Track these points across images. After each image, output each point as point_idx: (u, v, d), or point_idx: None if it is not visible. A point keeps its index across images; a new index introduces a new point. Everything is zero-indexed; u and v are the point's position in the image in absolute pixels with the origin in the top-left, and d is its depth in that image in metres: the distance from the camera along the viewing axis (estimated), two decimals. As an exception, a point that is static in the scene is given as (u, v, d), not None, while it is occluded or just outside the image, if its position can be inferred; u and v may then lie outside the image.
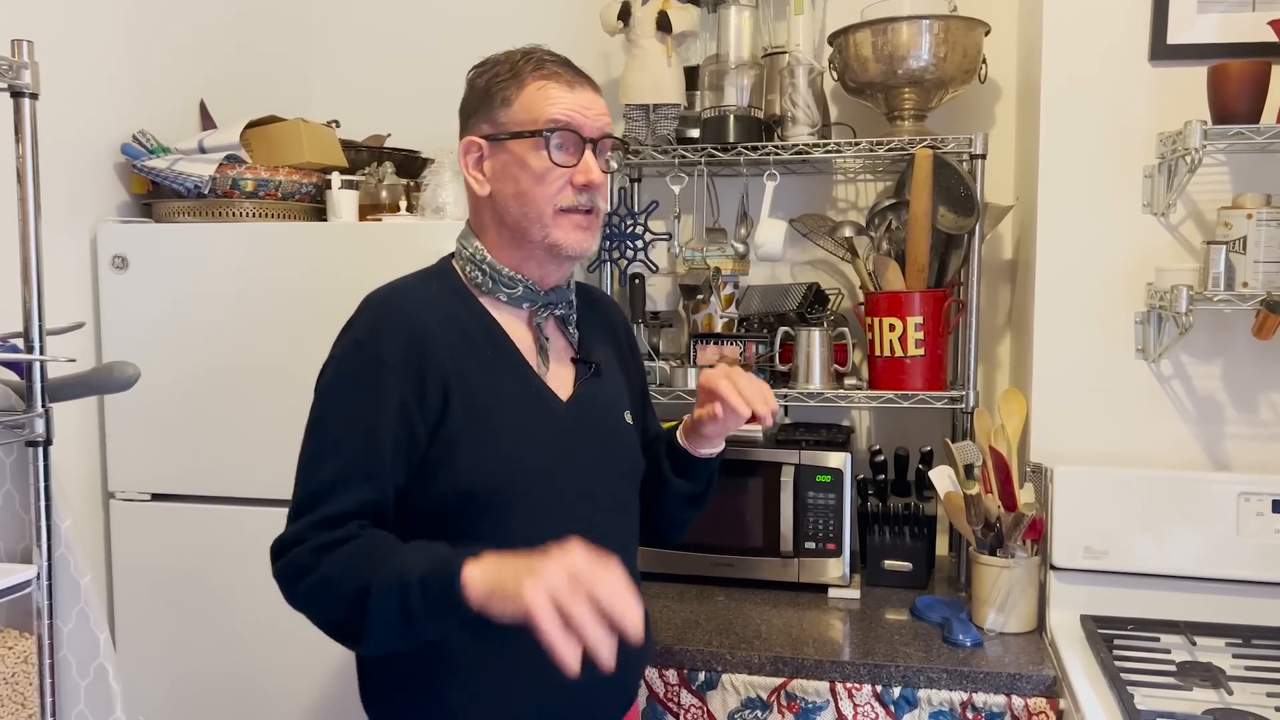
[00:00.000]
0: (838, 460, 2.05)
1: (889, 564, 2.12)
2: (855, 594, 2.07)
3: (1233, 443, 1.90)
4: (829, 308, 2.30)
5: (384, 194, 2.11)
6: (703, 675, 1.79)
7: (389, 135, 2.41)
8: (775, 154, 2.10)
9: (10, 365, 1.43)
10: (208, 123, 2.24)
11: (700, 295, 2.25)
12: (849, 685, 1.73)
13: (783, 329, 2.17)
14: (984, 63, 2.12)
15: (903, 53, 2.02)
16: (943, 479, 1.97)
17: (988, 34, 2.10)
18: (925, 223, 2.03)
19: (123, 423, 1.99)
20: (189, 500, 1.98)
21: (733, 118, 2.12)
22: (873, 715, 1.73)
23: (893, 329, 2.04)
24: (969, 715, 1.69)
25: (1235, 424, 1.90)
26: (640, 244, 2.16)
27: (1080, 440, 1.95)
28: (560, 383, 1.36)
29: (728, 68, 2.13)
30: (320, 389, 1.28)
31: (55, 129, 1.86)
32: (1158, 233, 1.91)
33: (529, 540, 1.27)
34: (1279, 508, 1.79)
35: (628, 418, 1.45)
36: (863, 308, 2.13)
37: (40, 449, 1.40)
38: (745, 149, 2.11)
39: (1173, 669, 1.62)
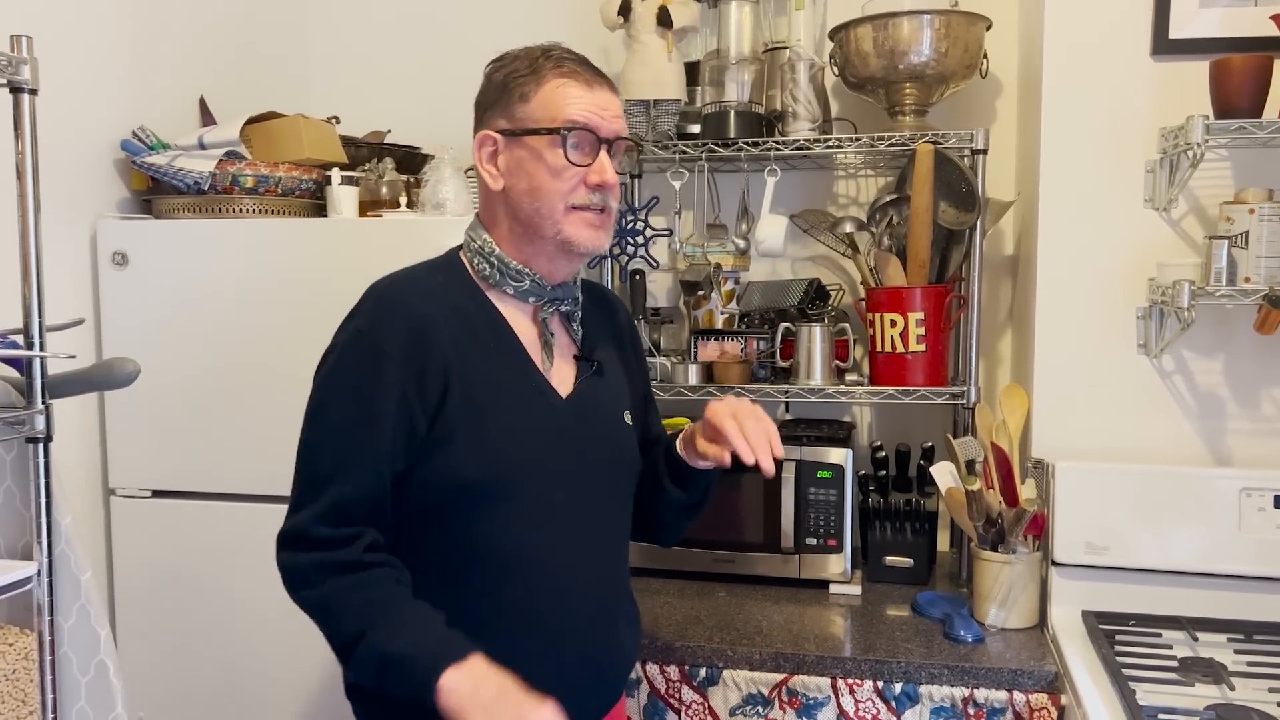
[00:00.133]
0: (839, 456, 2.05)
1: (890, 560, 2.11)
2: (856, 590, 2.07)
3: (1234, 438, 1.90)
4: (830, 303, 2.30)
5: (384, 190, 2.10)
6: (704, 671, 1.79)
7: (389, 131, 2.41)
8: (776, 149, 2.10)
9: (10, 362, 1.43)
10: (207, 119, 2.24)
11: (701, 291, 2.25)
12: (850, 681, 1.73)
13: (784, 325, 2.17)
14: (985, 58, 2.12)
15: (904, 48, 2.01)
16: (944, 475, 1.97)
17: (989, 29, 2.09)
18: (926, 218, 2.03)
19: (123, 419, 1.99)
20: (189, 497, 1.98)
21: (733, 113, 2.12)
22: (874, 711, 1.72)
23: (894, 325, 2.04)
24: (970, 711, 1.69)
25: (1237, 419, 1.90)
26: (641, 240, 2.15)
27: (1082, 436, 1.94)
28: (561, 379, 1.36)
29: (728, 63, 2.13)
30: (321, 377, 1.29)
31: (55, 125, 1.86)
32: (1159, 228, 1.90)
33: (522, 532, 1.28)
34: (1281, 503, 1.80)
35: (627, 417, 1.45)
36: (864, 303, 2.13)
37: (40, 445, 1.40)
38: (746, 144, 2.10)
39: (1174, 664, 1.62)
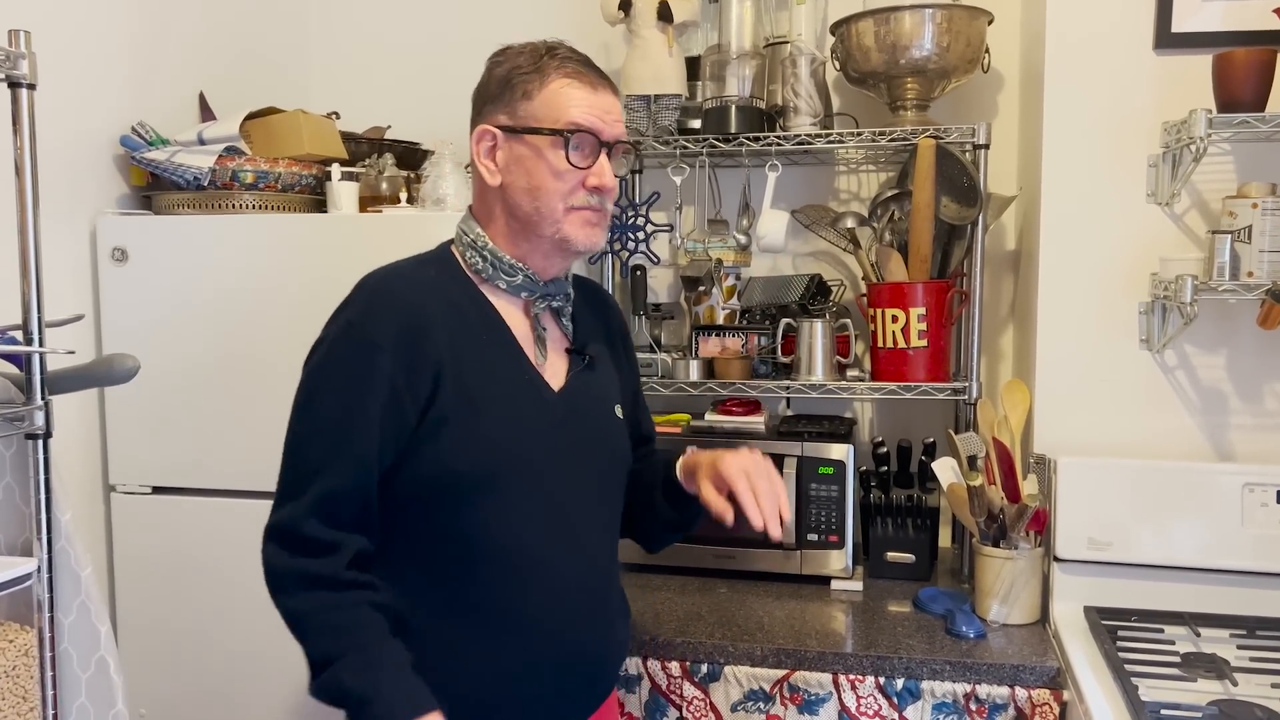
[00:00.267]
0: (840, 452, 2.05)
1: (892, 556, 2.11)
2: (858, 586, 2.07)
3: (1237, 433, 1.90)
4: (831, 299, 2.29)
5: (384, 186, 2.10)
6: (705, 667, 1.78)
7: (389, 127, 2.40)
8: (777, 144, 2.10)
9: (9, 358, 1.43)
10: (207, 114, 2.23)
11: (702, 287, 2.25)
12: (852, 677, 1.73)
13: (785, 320, 2.16)
14: (987, 52, 2.11)
15: (905, 42, 2.01)
16: (946, 470, 1.96)
17: (991, 23, 2.09)
18: (928, 213, 2.02)
19: (123, 415, 1.99)
20: (190, 493, 1.98)
21: (734, 108, 2.11)
22: (876, 707, 1.72)
23: (895, 320, 2.04)
24: (972, 707, 1.69)
25: (1239, 414, 1.89)
26: (642, 235, 2.15)
27: (1084, 431, 1.94)
28: (553, 372, 1.36)
29: (729, 58, 2.12)
30: (310, 369, 1.28)
31: (54, 120, 1.86)
32: (1162, 222, 1.90)
33: (512, 525, 1.27)
34: (1283, 498, 1.79)
35: (618, 411, 1.46)
36: (865, 299, 2.12)
37: (40, 442, 1.40)
38: (747, 139, 2.10)
39: (1177, 660, 1.62)
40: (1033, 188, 2.05)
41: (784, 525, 1.31)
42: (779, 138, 2.09)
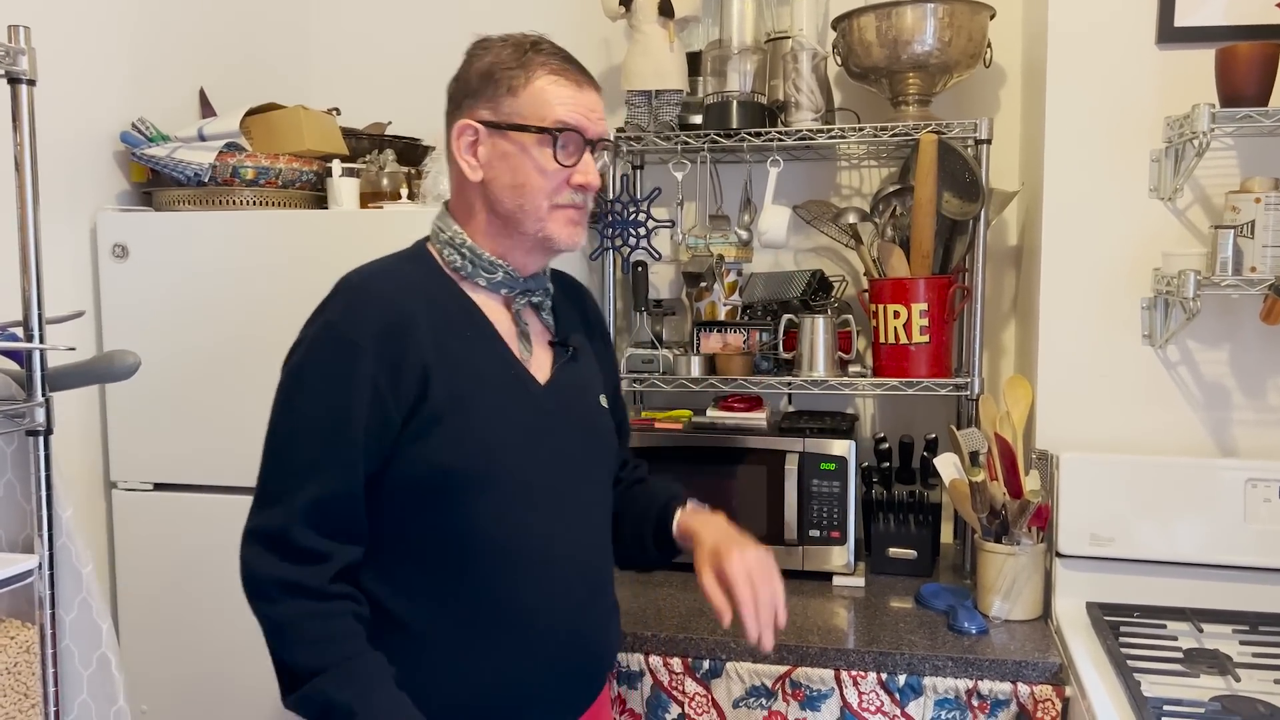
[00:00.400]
0: (842, 448, 2.04)
1: (894, 552, 2.11)
2: (860, 582, 2.06)
3: (1240, 429, 1.89)
4: (833, 295, 2.29)
5: (385, 182, 2.10)
6: (707, 663, 1.78)
7: (390, 123, 2.40)
8: (779, 140, 2.09)
9: (10, 354, 1.42)
10: (207, 110, 2.23)
11: (704, 283, 2.24)
12: (854, 673, 1.73)
13: (786, 316, 2.16)
14: (989, 47, 2.10)
15: (907, 37, 2.00)
16: (948, 466, 1.96)
17: (993, 18, 2.08)
18: (930, 209, 2.02)
19: (124, 412, 1.99)
20: (191, 490, 1.98)
21: (736, 103, 2.11)
22: (878, 703, 1.72)
23: (897, 316, 2.03)
24: (974, 703, 1.69)
25: (1242, 410, 1.89)
26: (643, 231, 2.14)
27: (1086, 427, 1.94)
28: (538, 366, 1.35)
29: (731, 53, 2.11)
30: (290, 370, 1.26)
31: (54, 117, 1.85)
32: (1164, 217, 1.89)
33: (506, 520, 1.27)
34: (1286, 494, 1.79)
35: (603, 401, 1.45)
36: (867, 295, 2.12)
37: (41, 438, 1.40)
38: (748, 135, 2.09)
39: (1179, 656, 1.62)
40: (1035, 183, 2.04)
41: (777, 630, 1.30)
42: (780, 133, 2.09)
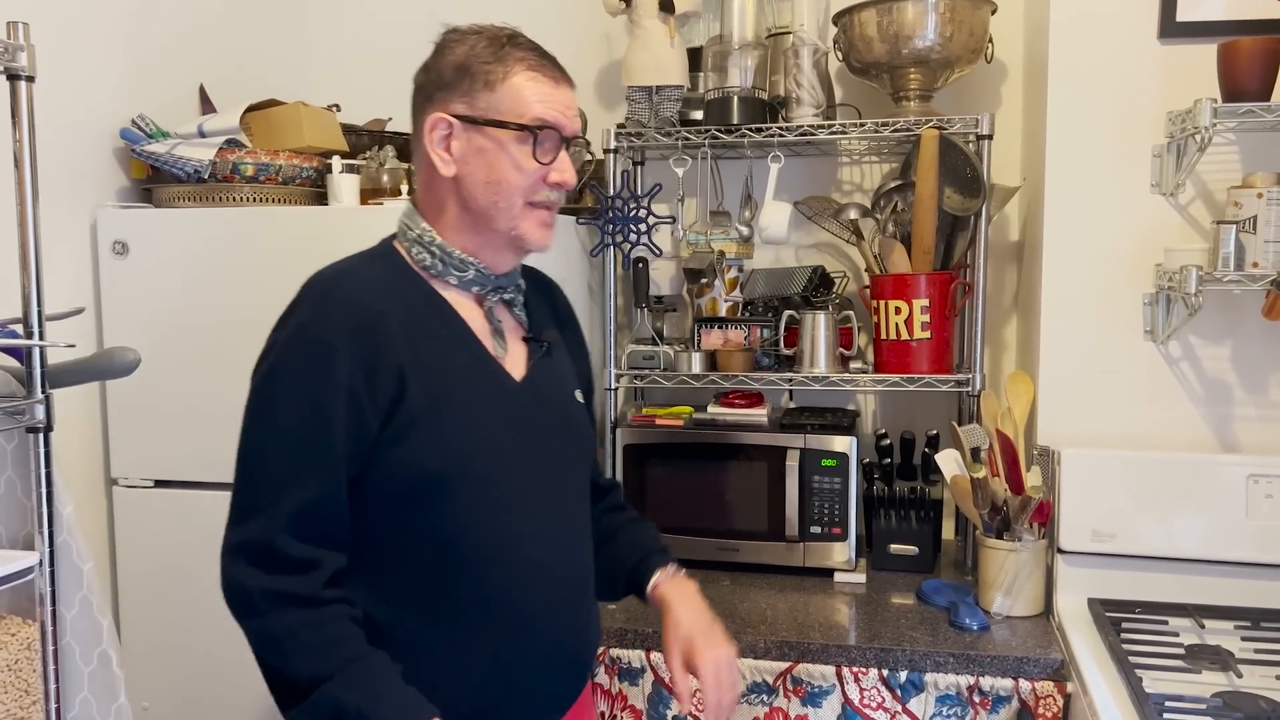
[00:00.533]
0: (843, 444, 2.04)
1: (895, 548, 2.11)
2: (861, 578, 2.06)
3: (1241, 424, 1.89)
4: (834, 291, 2.29)
5: (385, 178, 2.09)
6: (708, 660, 1.78)
7: (390, 119, 2.39)
8: (780, 136, 2.09)
9: (10, 351, 1.42)
10: (207, 107, 2.23)
11: (704, 279, 2.24)
12: (855, 669, 1.72)
13: (787, 312, 2.15)
14: (990, 42, 2.10)
15: (908, 32, 2.00)
16: (949, 462, 1.96)
17: (994, 13, 2.08)
18: (931, 204, 2.01)
19: (124, 409, 1.99)
20: (192, 486, 1.98)
21: (736, 99, 2.11)
22: (879, 699, 1.72)
23: (898, 312, 2.03)
24: (976, 699, 1.68)
25: (1244, 405, 1.89)
26: (644, 227, 2.14)
27: (1088, 423, 1.93)
28: (513, 363, 1.33)
29: (731, 48, 2.11)
30: (262, 376, 1.23)
31: (54, 113, 1.85)
32: (1166, 213, 1.89)
33: (487, 519, 1.26)
34: (1288, 490, 1.79)
35: (578, 396, 1.44)
36: (868, 290, 2.11)
37: (41, 435, 1.40)
38: (749, 131, 2.09)
39: (1181, 652, 1.62)
40: (1036, 178, 2.04)
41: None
42: (781, 129, 2.08)
